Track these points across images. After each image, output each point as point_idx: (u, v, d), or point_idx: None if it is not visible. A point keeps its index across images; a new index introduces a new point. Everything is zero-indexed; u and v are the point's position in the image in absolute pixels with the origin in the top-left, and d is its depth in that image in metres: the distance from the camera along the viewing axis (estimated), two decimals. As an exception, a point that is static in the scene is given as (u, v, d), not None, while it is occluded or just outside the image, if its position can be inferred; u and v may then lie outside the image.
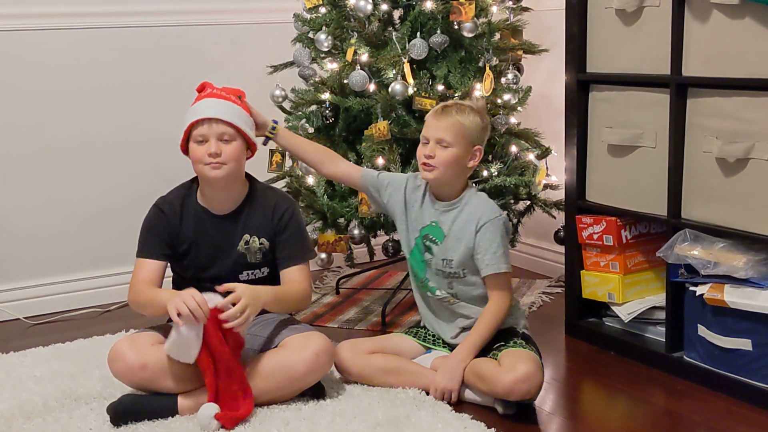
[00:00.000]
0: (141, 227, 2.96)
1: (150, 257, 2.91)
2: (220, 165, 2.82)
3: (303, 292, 2.92)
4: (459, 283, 2.97)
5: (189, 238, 2.92)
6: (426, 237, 2.98)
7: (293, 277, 2.92)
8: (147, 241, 2.94)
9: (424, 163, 2.90)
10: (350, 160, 3.51)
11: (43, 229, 3.92)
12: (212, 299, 2.69)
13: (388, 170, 3.42)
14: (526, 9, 3.77)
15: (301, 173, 3.59)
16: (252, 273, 2.95)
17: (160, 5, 4.04)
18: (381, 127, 3.39)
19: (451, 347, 3.02)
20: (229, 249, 2.92)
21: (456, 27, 3.50)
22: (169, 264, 2.98)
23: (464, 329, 2.99)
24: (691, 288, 2.98)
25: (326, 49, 3.57)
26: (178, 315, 2.64)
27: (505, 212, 3.23)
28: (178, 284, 2.98)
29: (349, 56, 3.49)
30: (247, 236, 2.92)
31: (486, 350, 2.90)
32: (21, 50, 3.80)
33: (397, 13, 3.67)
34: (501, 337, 2.92)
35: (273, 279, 2.98)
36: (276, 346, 2.83)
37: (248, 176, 2.98)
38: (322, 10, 3.60)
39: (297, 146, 3.14)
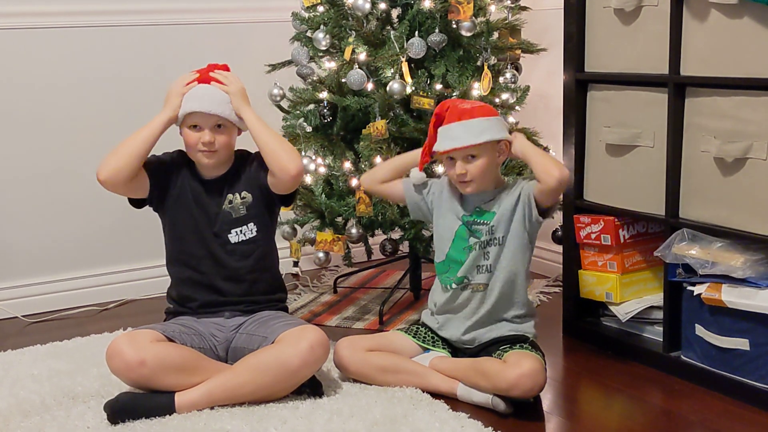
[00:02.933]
0: None
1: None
2: (213, 153, 2.93)
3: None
4: (494, 252, 2.94)
5: (185, 184, 3.00)
6: (470, 223, 2.98)
7: None
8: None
9: (460, 182, 2.94)
10: (348, 160, 3.52)
11: (41, 227, 3.93)
12: None
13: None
14: (524, 8, 3.77)
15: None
16: (240, 231, 3.00)
17: (158, 4, 4.04)
18: (379, 126, 3.39)
19: (453, 348, 3.02)
20: (216, 211, 2.99)
21: (454, 26, 3.49)
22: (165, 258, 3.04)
23: (477, 326, 2.99)
24: (689, 288, 2.98)
25: (324, 48, 3.57)
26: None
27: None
28: (174, 287, 3.03)
29: (347, 55, 3.49)
30: (230, 195, 3.00)
31: (491, 351, 2.91)
32: (20, 48, 3.80)
33: (395, 12, 3.67)
34: (509, 342, 2.93)
35: (263, 240, 3.03)
36: (272, 343, 2.83)
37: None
38: (321, 8, 3.60)
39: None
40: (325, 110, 3.58)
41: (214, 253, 2.99)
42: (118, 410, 2.72)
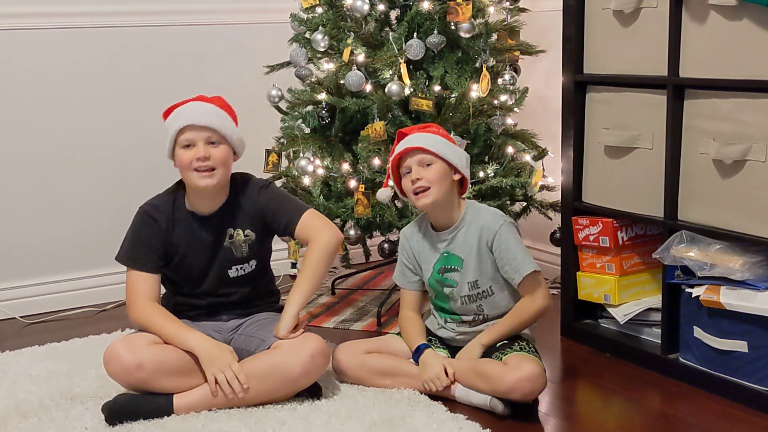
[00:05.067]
0: (128, 233, 2.95)
1: (144, 270, 2.90)
2: (210, 173, 2.83)
3: (327, 238, 2.91)
4: (488, 302, 2.98)
5: (180, 245, 2.93)
6: (442, 270, 2.99)
7: (307, 226, 2.92)
8: (138, 252, 2.91)
9: (415, 190, 2.88)
10: (346, 161, 3.52)
11: (40, 228, 3.92)
12: None
13: (384, 172, 3.42)
14: (523, 10, 3.77)
15: (297, 173, 3.59)
16: (241, 268, 2.97)
17: (157, 5, 4.04)
18: (377, 127, 3.38)
19: (450, 348, 3.03)
20: (217, 247, 2.94)
21: (453, 27, 3.49)
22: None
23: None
24: (687, 290, 2.98)
25: (323, 50, 3.57)
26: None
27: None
28: (169, 299, 3.02)
29: (345, 56, 3.49)
30: (231, 230, 2.94)
31: (490, 352, 2.91)
32: (18, 49, 3.80)
33: (393, 14, 3.67)
34: (507, 341, 2.93)
35: (262, 273, 3.02)
36: (269, 348, 2.82)
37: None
38: (319, 10, 3.60)
39: None
40: (324, 111, 3.58)
41: (212, 288, 2.97)
42: (116, 412, 2.72)
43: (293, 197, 3.07)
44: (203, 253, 2.94)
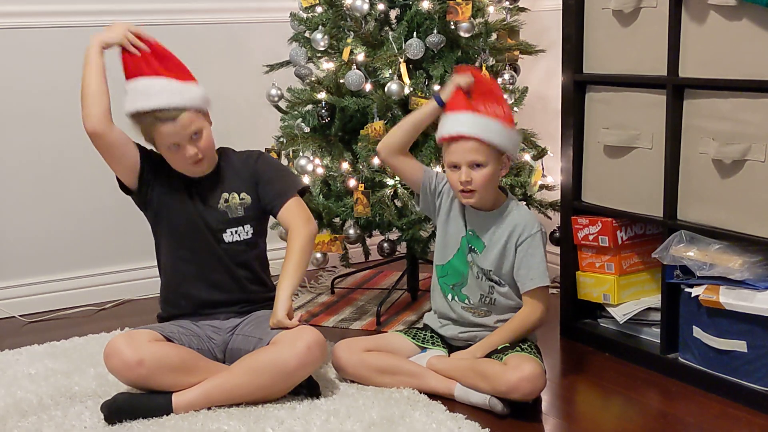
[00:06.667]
0: None
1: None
2: (201, 161, 2.87)
3: (309, 230, 2.97)
4: (499, 291, 2.98)
5: (173, 179, 2.94)
6: (469, 240, 3.00)
7: (291, 212, 2.98)
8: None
9: (462, 190, 2.89)
10: (346, 161, 3.52)
11: (39, 227, 3.92)
12: None
13: (384, 171, 3.42)
14: (523, 9, 3.77)
15: (297, 172, 3.59)
16: (235, 232, 2.98)
17: (157, 4, 4.04)
18: (377, 127, 3.38)
19: (450, 347, 3.03)
20: (209, 211, 2.96)
21: (452, 27, 3.49)
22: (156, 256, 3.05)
23: (474, 340, 3.01)
24: (687, 289, 2.98)
25: (322, 49, 3.57)
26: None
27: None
28: (168, 291, 3.03)
29: (345, 56, 3.48)
30: (225, 194, 2.97)
31: (490, 352, 2.91)
32: (18, 48, 3.80)
33: (393, 13, 3.67)
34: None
35: (257, 241, 3.03)
36: (267, 344, 2.82)
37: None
38: (319, 9, 3.60)
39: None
40: (323, 111, 3.58)
41: (208, 250, 2.97)
42: (115, 410, 2.72)
43: (288, 172, 3.14)
44: (197, 214, 2.95)
